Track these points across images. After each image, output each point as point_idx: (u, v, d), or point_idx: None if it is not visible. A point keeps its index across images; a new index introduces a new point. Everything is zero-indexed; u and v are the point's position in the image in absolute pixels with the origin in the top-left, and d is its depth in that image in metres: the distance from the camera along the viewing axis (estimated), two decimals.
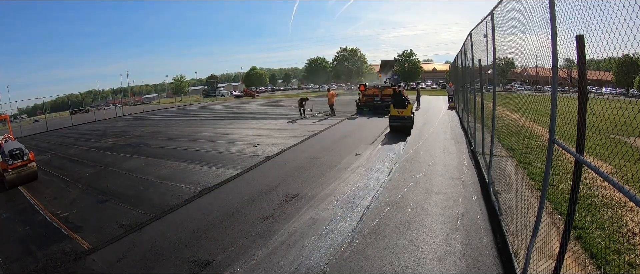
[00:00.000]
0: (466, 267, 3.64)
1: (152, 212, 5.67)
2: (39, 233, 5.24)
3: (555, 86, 2.53)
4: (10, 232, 5.37)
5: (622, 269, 3.34)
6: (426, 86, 59.08)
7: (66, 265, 4.18)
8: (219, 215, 5.35)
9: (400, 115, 11.02)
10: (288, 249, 4.18)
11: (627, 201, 4.24)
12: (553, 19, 2.48)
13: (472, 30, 7.75)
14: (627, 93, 5.10)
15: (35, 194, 7.40)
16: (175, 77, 73.57)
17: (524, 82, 8.69)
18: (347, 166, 7.65)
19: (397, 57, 55.59)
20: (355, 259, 3.87)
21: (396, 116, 11.12)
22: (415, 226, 4.58)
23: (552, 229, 3.94)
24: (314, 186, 6.42)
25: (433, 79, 63.66)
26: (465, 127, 11.30)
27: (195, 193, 6.47)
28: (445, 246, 4.06)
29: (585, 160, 2.17)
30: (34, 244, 4.84)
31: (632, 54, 1.81)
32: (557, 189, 5.26)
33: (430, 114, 16.95)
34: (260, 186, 6.61)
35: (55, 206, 6.49)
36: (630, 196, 1.58)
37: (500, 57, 5.38)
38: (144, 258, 4.21)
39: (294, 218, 5.04)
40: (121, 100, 58.19)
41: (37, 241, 4.94)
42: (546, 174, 2.79)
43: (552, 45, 2.51)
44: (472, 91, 8.94)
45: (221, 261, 4.02)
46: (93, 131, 20.61)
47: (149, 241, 4.65)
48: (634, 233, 3.92)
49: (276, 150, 9.80)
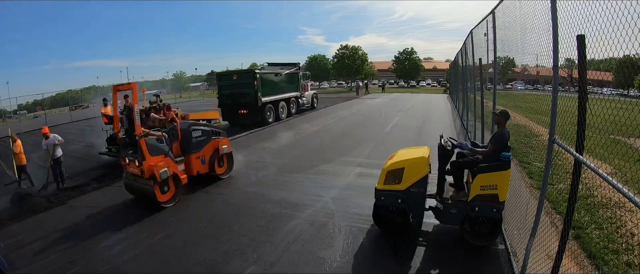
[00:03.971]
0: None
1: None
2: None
3: (556, 85, 2.52)
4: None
5: (620, 269, 3.35)
6: (426, 84, 59.09)
7: None
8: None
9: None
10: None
11: (626, 201, 4.25)
12: (554, 18, 2.47)
13: (473, 29, 7.74)
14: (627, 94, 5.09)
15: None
16: (175, 74, 73.59)
17: (525, 81, 8.68)
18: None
19: (398, 55, 55.39)
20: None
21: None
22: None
23: (551, 228, 3.94)
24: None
25: (433, 77, 63.59)
26: (463, 122, 11.31)
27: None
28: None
29: (584, 160, 2.17)
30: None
31: (632, 55, 1.80)
32: (556, 188, 5.27)
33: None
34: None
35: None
36: (629, 197, 1.58)
37: (500, 56, 5.37)
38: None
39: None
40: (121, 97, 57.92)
41: None
42: (546, 173, 2.79)
43: (553, 45, 2.50)
44: (473, 90, 8.92)
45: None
46: (93, 127, 20.56)
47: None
48: (633, 234, 3.93)
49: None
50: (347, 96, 32.31)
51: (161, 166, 5.52)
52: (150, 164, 5.45)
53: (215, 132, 7.00)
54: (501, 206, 3.78)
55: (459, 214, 3.96)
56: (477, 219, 3.87)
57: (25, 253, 4.47)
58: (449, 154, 4.20)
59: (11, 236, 5.00)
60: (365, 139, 10.66)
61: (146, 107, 10.15)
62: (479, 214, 3.82)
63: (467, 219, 3.92)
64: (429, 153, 4.23)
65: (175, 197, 5.80)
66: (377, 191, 4.22)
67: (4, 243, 4.70)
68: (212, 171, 6.82)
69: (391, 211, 4.21)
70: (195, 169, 6.51)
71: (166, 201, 5.65)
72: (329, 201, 5.56)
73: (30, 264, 4.16)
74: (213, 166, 6.83)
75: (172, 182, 5.79)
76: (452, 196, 4.20)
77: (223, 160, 7.16)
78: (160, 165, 5.52)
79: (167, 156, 5.84)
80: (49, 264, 4.15)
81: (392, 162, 4.22)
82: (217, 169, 6.93)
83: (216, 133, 7.02)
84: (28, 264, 4.16)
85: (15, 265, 4.13)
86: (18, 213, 5.98)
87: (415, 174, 4.02)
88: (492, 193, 3.74)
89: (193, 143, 6.49)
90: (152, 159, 5.54)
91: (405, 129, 12.33)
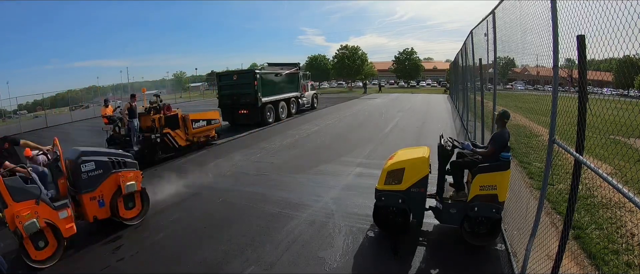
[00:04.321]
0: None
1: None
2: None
3: (556, 85, 2.52)
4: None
5: (620, 269, 3.35)
6: (426, 84, 59.08)
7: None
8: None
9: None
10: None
11: (626, 201, 4.24)
12: (554, 18, 2.47)
13: (474, 29, 7.74)
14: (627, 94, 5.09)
15: None
16: (175, 74, 73.66)
17: (525, 81, 8.69)
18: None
19: (398, 55, 55.40)
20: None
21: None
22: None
23: (551, 229, 3.94)
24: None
25: (433, 78, 63.59)
26: (463, 122, 11.31)
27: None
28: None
29: (584, 160, 2.17)
30: None
31: (632, 55, 1.80)
32: (556, 189, 5.27)
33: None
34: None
35: None
36: (629, 197, 1.58)
37: (500, 57, 5.37)
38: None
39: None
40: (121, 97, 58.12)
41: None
42: (546, 173, 2.80)
43: (553, 45, 2.50)
44: (473, 90, 8.93)
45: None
46: (93, 127, 20.56)
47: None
48: (633, 234, 3.93)
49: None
50: (347, 96, 32.33)
51: (26, 216, 3.94)
52: (12, 213, 3.91)
53: (117, 163, 5.03)
54: (500, 206, 3.78)
55: (458, 214, 3.96)
56: (476, 219, 3.87)
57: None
58: (449, 154, 4.20)
59: (11, 236, 4.99)
60: (365, 139, 10.66)
61: (146, 107, 10.19)
62: (478, 214, 3.82)
63: (466, 219, 3.92)
64: (429, 153, 4.23)
65: (57, 254, 4.20)
66: (377, 191, 4.22)
67: (4, 243, 4.70)
68: (115, 216, 4.96)
69: (392, 212, 4.21)
70: (91, 213, 4.76)
71: (44, 260, 4.09)
72: (329, 201, 5.55)
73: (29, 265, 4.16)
74: (116, 209, 4.94)
75: (50, 234, 4.18)
76: (451, 196, 4.20)
77: (133, 200, 5.18)
78: (25, 215, 3.94)
79: (38, 200, 4.11)
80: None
81: (393, 162, 4.22)
82: (122, 212, 5.03)
83: (119, 164, 5.05)
84: (27, 264, 4.15)
85: (16, 265, 4.13)
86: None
87: (416, 175, 4.02)
88: (491, 193, 3.74)
89: (84, 179, 4.67)
90: (16, 206, 3.94)
91: (405, 129, 12.33)
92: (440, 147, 4.18)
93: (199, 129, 10.25)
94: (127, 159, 5.20)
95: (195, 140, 10.28)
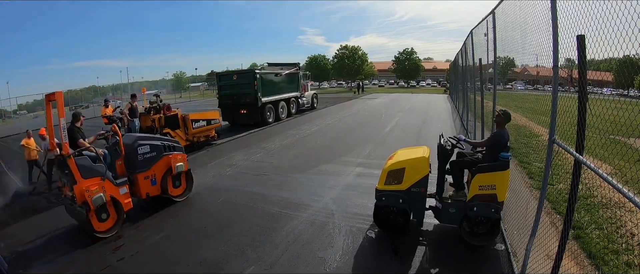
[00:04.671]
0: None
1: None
2: None
3: (556, 85, 2.52)
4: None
5: (620, 269, 3.35)
6: (426, 84, 59.07)
7: None
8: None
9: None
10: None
11: (626, 201, 4.25)
12: (554, 18, 2.47)
13: (473, 29, 7.74)
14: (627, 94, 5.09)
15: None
16: (175, 74, 73.54)
17: (525, 81, 8.70)
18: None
19: (398, 55, 55.39)
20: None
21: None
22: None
23: (550, 229, 3.94)
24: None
25: (433, 78, 63.58)
26: (463, 122, 11.31)
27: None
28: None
29: (584, 160, 2.17)
30: None
31: (632, 55, 1.80)
32: (556, 188, 5.27)
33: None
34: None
35: None
36: (629, 197, 1.58)
37: (500, 57, 5.37)
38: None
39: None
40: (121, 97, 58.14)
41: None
42: (546, 173, 2.80)
43: (553, 45, 2.50)
44: (473, 90, 8.92)
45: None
46: (93, 126, 20.55)
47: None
48: (633, 234, 3.93)
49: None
50: (347, 96, 32.33)
51: (94, 190, 4.58)
52: (81, 188, 4.53)
53: (168, 147, 5.84)
54: (500, 206, 3.78)
55: (457, 214, 3.97)
56: (475, 219, 3.88)
57: (25, 253, 4.47)
58: (449, 153, 4.21)
59: (11, 236, 5.00)
60: (365, 139, 10.66)
61: (146, 107, 10.20)
62: (477, 214, 3.82)
63: (465, 218, 3.93)
64: (429, 153, 4.24)
65: (117, 226, 4.86)
66: (377, 191, 4.22)
67: (4, 243, 4.70)
68: (165, 193, 5.71)
69: (392, 212, 4.22)
70: (144, 191, 5.46)
71: (105, 231, 4.74)
72: (329, 201, 5.55)
73: (30, 265, 4.16)
74: (166, 187, 5.71)
75: (112, 208, 4.86)
76: (451, 196, 4.20)
77: (179, 179, 6.00)
78: (94, 189, 4.58)
79: (104, 177, 4.80)
80: (48, 264, 4.15)
81: (393, 162, 4.22)
82: (171, 190, 5.82)
83: (169, 148, 5.86)
84: (28, 265, 4.16)
85: (16, 265, 4.13)
86: (18, 213, 5.97)
87: (416, 174, 4.02)
88: (490, 193, 3.74)
89: (139, 161, 5.40)
90: (84, 182, 4.58)
91: (405, 129, 12.33)
92: (440, 147, 4.18)
93: (199, 129, 10.28)
94: (175, 144, 6.01)
95: (195, 140, 10.28)
